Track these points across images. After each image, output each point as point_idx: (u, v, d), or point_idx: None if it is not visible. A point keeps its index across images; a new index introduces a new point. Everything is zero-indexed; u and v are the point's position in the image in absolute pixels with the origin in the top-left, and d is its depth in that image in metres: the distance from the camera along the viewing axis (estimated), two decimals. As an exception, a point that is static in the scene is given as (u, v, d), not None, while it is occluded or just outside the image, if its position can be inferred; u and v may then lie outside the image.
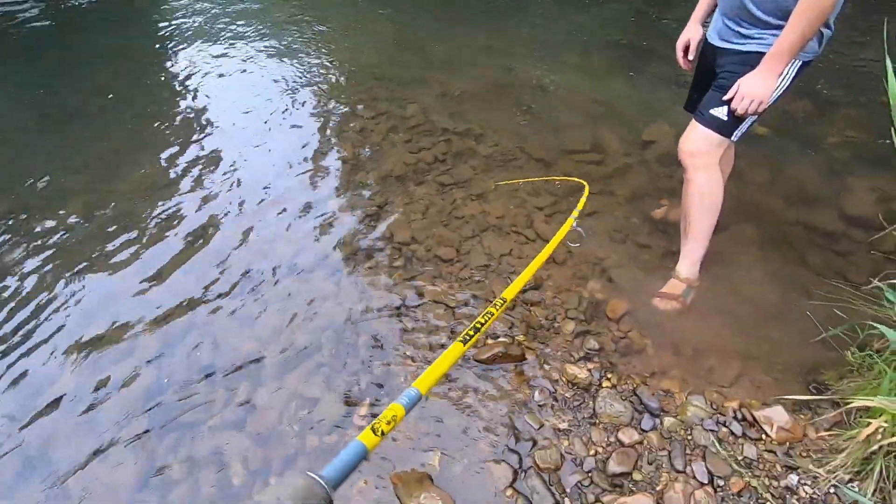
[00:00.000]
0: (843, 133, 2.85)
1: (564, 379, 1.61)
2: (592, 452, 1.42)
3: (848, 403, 1.25)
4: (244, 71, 4.26)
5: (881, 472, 1.17)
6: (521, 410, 1.55)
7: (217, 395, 1.76)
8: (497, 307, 0.72)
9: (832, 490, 1.24)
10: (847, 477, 1.23)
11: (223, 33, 5.13)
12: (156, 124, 3.59)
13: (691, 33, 1.89)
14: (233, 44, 4.83)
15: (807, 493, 1.25)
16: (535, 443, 1.46)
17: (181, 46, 4.92)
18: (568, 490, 1.34)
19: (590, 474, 1.37)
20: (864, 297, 1.60)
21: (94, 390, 1.81)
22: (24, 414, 1.77)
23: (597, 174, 2.67)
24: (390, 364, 1.76)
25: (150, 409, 1.74)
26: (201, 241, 2.44)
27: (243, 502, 1.46)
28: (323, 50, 4.58)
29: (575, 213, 1.60)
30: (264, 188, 2.77)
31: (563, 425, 1.49)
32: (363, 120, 3.32)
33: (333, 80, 3.95)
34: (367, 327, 1.92)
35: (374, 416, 1.59)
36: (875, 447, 1.17)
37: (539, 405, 1.56)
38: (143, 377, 1.86)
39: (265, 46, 4.69)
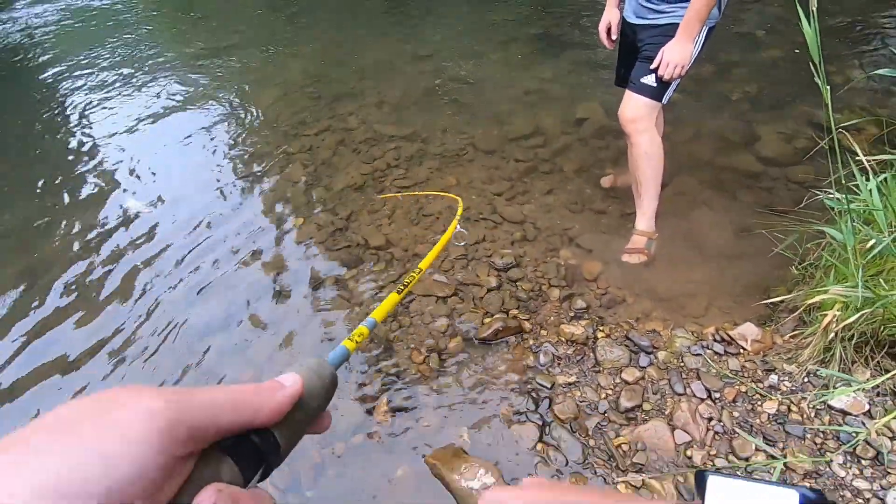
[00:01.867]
0: (742, 89, 3.23)
1: (563, 338, 1.75)
2: (603, 396, 1.56)
3: (805, 302, 1.46)
4: (167, 114, 4.11)
5: (841, 354, 1.39)
6: (531, 374, 1.66)
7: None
8: (418, 273, 0.84)
9: (806, 379, 1.45)
10: (815, 367, 1.45)
11: (128, 79, 4.89)
12: (82, 186, 3.39)
13: (611, 16, 2.11)
14: (148, 89, 4.63)
15: (787, 386, 1.45)
16: (551, 399, 1.58)
17: (84, 100, 4.64)
18: (591, 432, 1.47)
19: (605, 414, 1.50)
20: (795, 220, 1.86)
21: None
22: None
23: (543, 155, 2.86)
24: (398, 360, 1.82)
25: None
26: (170, 287, 2.36)
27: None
28: (249, 77, 4.50)
29: (457, 219, 1.66)
30: (210, 226, 2.70)
31: (572, 379, 1.62)
32: (308, 138, 3.33)
33: (267, 106, 3.90)
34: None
35: (395, 409, 1.65)
36: (831, 335, 1.38)
37: (546, 366, 1.68)
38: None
39: (183, 86, 4.53)
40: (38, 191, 3.29)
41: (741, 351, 1.59)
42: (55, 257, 2.64)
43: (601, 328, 1.76)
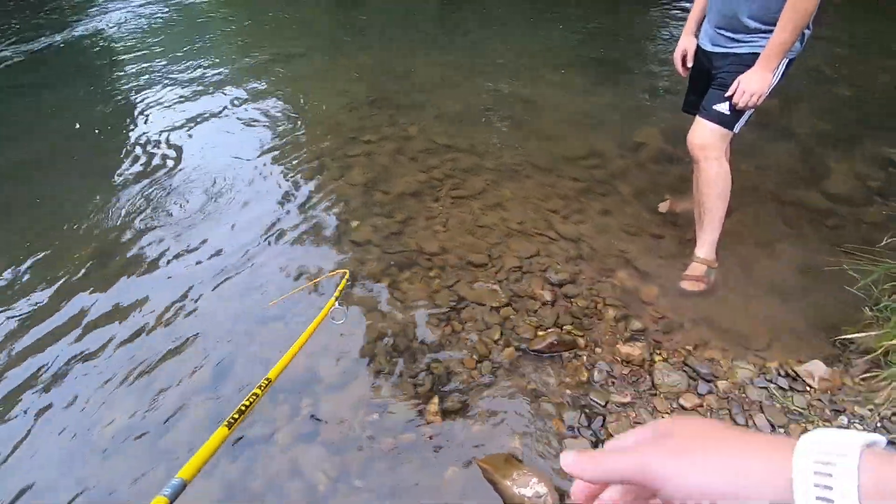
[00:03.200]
0: (809, 123, 3.16)
1: (618, 358, 1.73)
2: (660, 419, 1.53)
3: (882, 345, 1.41)
4: (234, 115, 4.33)
5: (920, 401, 1.33)
6: (584, 390, 1.66)
7: (282, 410, 1.79)
8: (262, 388, 0.77)
9: (879, 425, 1.39)
10: (890, 412, 1.39)
11: (196, 81, 5.19)
12: (143, 182, 3.60)
13: (687, 44, 2.12)
14: (210, 91, 4.90)
15: (858, 429, 1.39)
16: (604, 418, 1.57)
17: (153, 96, 4.94)
18: (646, 455, 1.44)
19: (661, 439, 1.48)
20: (868, 260, 1.80)
21: (156, 425, 1.81)
22: (82, 460, 1.75)
23: (600, 176, 2.86)
24: (449, 364, 1.84)
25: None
26: (234, 277, 2.47)
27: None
28: (315, 85, 4.71)
29: (337, 294, 1.62)
30: (275, 223, 2.82)
31: (627, 399, 1.61)
32: (368, 145, 3.44)
33: (331, 112, 4.06)
34: (418, 333, 2.00)
35: (446, 411, 1.68)
36: (911, 381, 1.33)
37: (600, 384, 1.67)
38: (200, 406, 1.86)
39: (251, 90, 4.77)
40: (107, 186, 3.51)
41: (807, 388, 1.54)
42: (121, 248, 2.81)
43: (658, 352, 1.74)
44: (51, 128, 4.38)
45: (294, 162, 3.40)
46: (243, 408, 0.67)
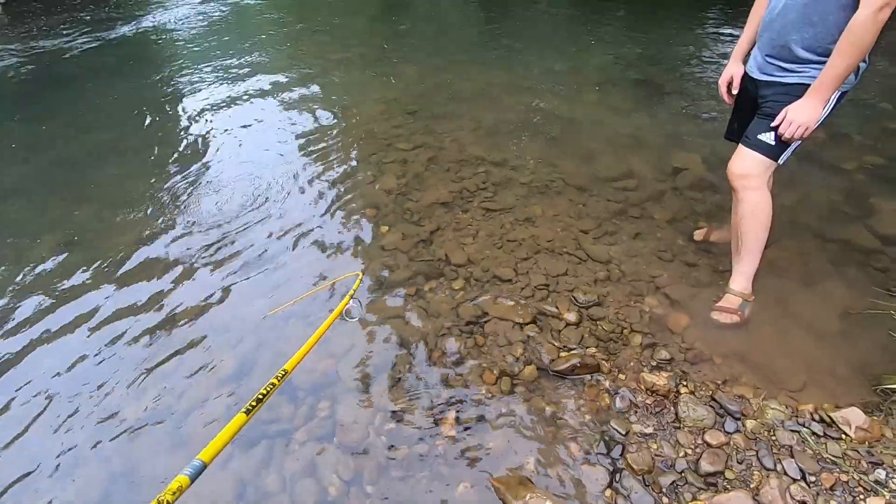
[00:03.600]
0: (859, 159, 3.04)
1: (642, 386, 1.69)
2: (682, 454, 1.48)
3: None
4: (274, 114, 4.46)
5: (968, 461, 1.25)
6: (605, 416, 1.62)
7: (300, 411, 1.82)
8: (279, 378, 0.78)
9: (921, 482, 1.31)
10: (933, 470, 1.31)
11: (240, 79, 5.36)
12: (185, 173, 3.73)
13: (734, 70, 2.07)
14: (252, 90, 5.05)
15: (897, 485, 1.32)
16: (624, 447, 1.53)
17: (194, 93, 5.12)
18: (665, 489, 1.40)
19: (683, 474, 1.43)
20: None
21: (178, 413, 1.86)
22: (105, 435, 1.81)
23: (634, 199, 2.82)
24: (468, 377, 1.83)
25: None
26: (263, 273, 2.53)
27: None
28: (354, 89, 4.81)
29: (351, 293, 1.63)
30: (305, 221, 2.88)
31: (649, 430, 1.56)
32: (402, 152, 3.48)
33: (368, 117, 4.14)
34: (439, 344, 1.99)
35: (462, 425, 1.66)
36: (959, 438, 1.25)
37: (621, 411, 1.63)
38: (222, 397, 1.90)
39: (292, 91, 4.91)
40: (157, 180, 3.66)
41: (843, 436, 1.46)
42: (158, 239, 2.91)
43: (685, 383, 1.69)
44: (113, 115, 4.60)
45: (329, 164, 3.47)
46: (261, 396, 0.69)
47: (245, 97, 4.77)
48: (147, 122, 4.49)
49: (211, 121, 4.33)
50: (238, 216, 2.96)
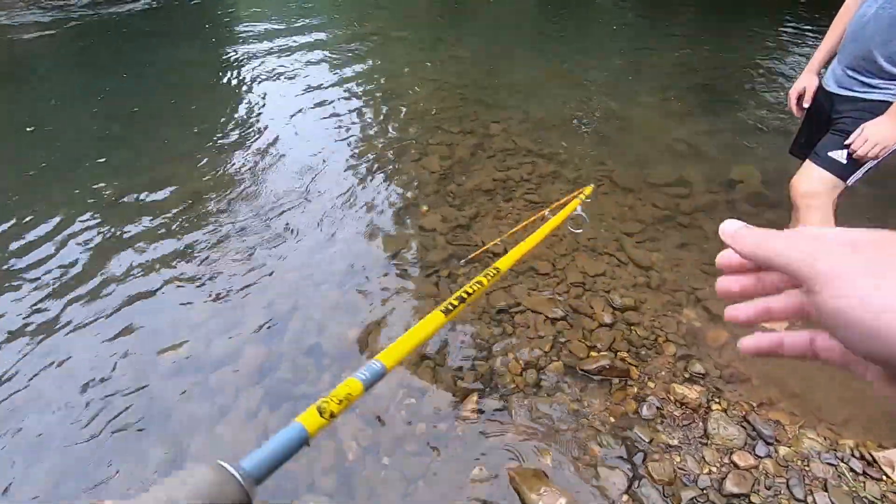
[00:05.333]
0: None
1: (672, 397, 1.64)
2: (706, 471, 1.44)
3: None
4: (327, 86, 4.51)
5: None
6: (629, 422, 1.59)
7: (325, 376, 1.86)
8: (489, 277, 0.68)
9: (966, 537, 1.23)
10: (981, 526, 1.22)
11: (300, 48, 5.43)
12: (235, 139, 3.83)
13: (808, 82, 1.95)
14: (311, 60, 5.12)
15: (939, 536, 1.24)
16: (646, 455, 1.49)
17: (257, 60, 5.22)
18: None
19: (705, 492, 1.39)
20: None
21: (210, 364, 1.93)
22: (142, 380, 1.89)
23: (684, 207, 2.72)
24: (494, 364, 1.82)
25: (263, 382, 1.84)
26: (304, 237, 2.58)
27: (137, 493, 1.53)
28: (409, 69, 4.81)
29: (583, 197, 1.57)
30: (349, 192, 2.91)
31: (674, 441, 1.52)
32: (450, 135, 3.47)
33: (419, 97, 4.13)
34: (468, 328, 1.99)
35: (483, 411, 1.66)
36: None
37: (647, 419, 1.59)
38: (254, 351, 1.96)
39: (348, 65, 4.94)
40: (204, 139, 3.77)
41: (884, 477, 1.39)
42: (208, 205, 3.00)
43: (717, 400, 1.63)
44: (176, 77, 4.77)
45: (376, 140, 3.49)
46: (465, 295, 0.60)
47: (302, 68, 4.85)
48: (209, 86, 4.63)
49: (269, 89, 4.43)
50: (284, 183, 3.03)
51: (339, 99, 4.14)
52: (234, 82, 4.64)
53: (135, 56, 5.29)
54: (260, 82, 4.55)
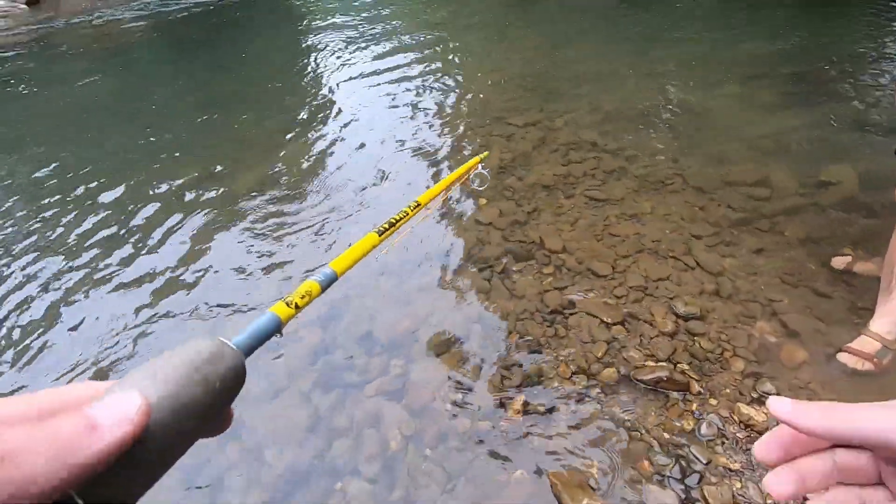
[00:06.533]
0: None
1: (736, 418, 1.52)
2: (770, 501, 1.32)
3: None
4: (390, 70, 4.56)
5: None
6: (686, 440, 1.49)
7: (374, 363, 1.90)
8: (411, 208, 0.75)
9: None
10: None
11: (370, 35, 5.52)
12: (301, 122, 3.96)
13: None
14: (379, 46, 5.19)
15: None
16: (702, 476, 1.40)
17: (328, 48, 5.37)
18: (742, 534, 1.26)
19: (767, 524, 1.28)
20: None
21: (268, 345, 2.03)
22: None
23: (765, 210, 2.49)
24: (543, 366, 1.78)
25: (315, 365, 1.92)
26: (360, 224, 2.65)
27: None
28: (474, 57, 4.76)
29: (480, 158, 1.49)
30: (407, 181, 2.94)
31: (735, 466, 1.41)
32: (512, 127, 3.40)
33: (483, 87, 4.08)
34: (519, 327, 1.95)
35: (529, 412, 1.62)
36: None
37: (706, 439, 1.49)
38: (309, 338, 2.04)
39: (413, 52, 4.97)
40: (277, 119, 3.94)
41: None
42: (282, 185, 3.15)
43: (789, 425, 1.49)
44: (252, 64, 5.05)
45: (437, 129, 3.49)
46: (393, 221, 0.70)
47: (370, 56, 4.95)
48: (287, 72, 4.85)
49: (338, 78, 4.56)
50: (347, 170, 3.11)
51: (402, 87, 4.18)
52: (308, 70, 4.82)
53: (223, 44, 5.64)
54: (332, 71, 4.71)
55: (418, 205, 0.77)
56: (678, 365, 1.72)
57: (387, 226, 0.64)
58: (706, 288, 2.05)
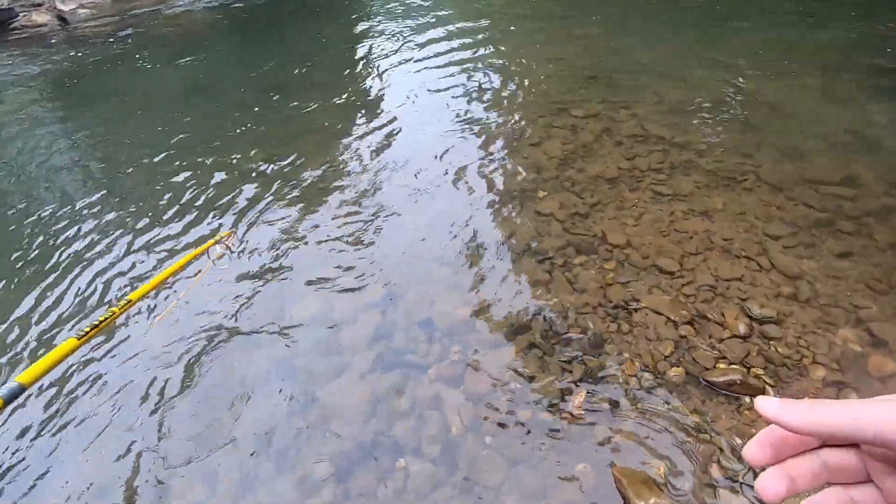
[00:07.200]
0: None
1: (817, 427, 1.44)
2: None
3: None
4: (448, 64, 4.54)
5: None
6: (760, 446, 1.43)
7: (434, 349, 1.92)
8: (120, 307, 0.68)
9: None
10: None
11: (425, 26, 5.51)
12: (359, 108, 4.02)
13: None
14: (434, 37, 5.18)
15: None
16: (778, 485, 1.34)
17: (383, 38, 5.40)
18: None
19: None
20: None
21: (332, 323, 2.10)
22: (268, 342, 2.12)
23: (849, 210, 2.33)
24: (606, 361, 1.75)
25: (377, 347, 1.97)
26: (422, 214, 2.67)
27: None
28: (532, 48, 4.69)
29: (220, 237, 1.69)
30: (468, 172, 2.94)
31: (815, 477, 1.34)
32: (574, 119, 3.33)
33: (542, 78, 4.01)
34: (580, 320, 1.93)
35: (591, 408, 1.60)
36: None
37: (783, 447, 1.42)
38: (370, 319, 2.09)
39: (470, 41, 4.93)
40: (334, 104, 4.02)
41: None
42: (331, 176, 3.22)
43: (877, 439, 1.40)
44: (307, 52, 5.18)
45: (496, 120, 3.47)
46: (97, 322, 0.67)
47: (426, 46, 4.96)
48: (336, 61, 4.94)
49: (394, 68, 4.61)
50: (407, 161, 3.15)
51: (459, 78, 4.17)
52: (364, 61, 4.90)
53: (284, 33, 5.82)
54: (387, 60, 4.76)
55: (129, 302, 0.75)
56: (752, 369, 1.64)
57: (89, 329, 0.61)
58: (783, 291, 1.94)
